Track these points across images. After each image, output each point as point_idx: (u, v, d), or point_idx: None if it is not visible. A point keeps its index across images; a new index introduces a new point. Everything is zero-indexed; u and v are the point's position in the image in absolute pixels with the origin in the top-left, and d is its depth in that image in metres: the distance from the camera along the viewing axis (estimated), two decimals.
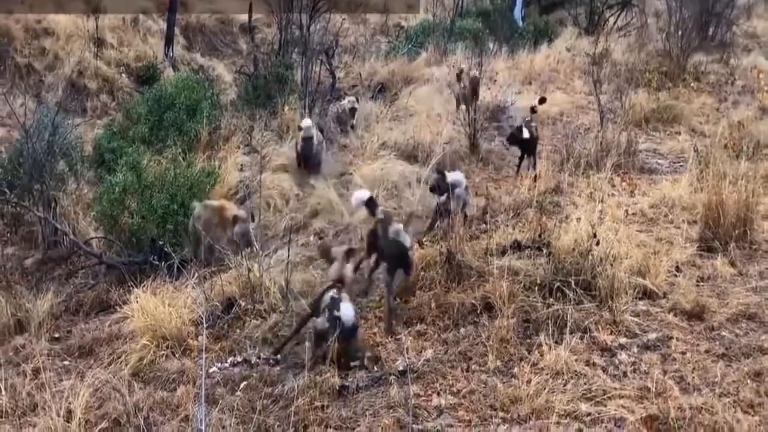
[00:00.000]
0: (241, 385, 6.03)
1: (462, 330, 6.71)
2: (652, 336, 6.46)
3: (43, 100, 11.79)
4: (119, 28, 16.02)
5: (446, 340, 6.60)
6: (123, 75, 14.53)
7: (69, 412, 5.73)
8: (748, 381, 5.84)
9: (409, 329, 6.77)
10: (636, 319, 6.66)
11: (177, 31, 16.79)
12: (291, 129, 11.39)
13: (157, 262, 7.46)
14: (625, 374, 6.03)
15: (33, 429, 5.54)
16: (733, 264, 7.54)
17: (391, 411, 5.69)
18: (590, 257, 6.97)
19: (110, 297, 7.39)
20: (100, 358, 6.54)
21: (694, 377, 5.90)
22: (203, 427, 4.43)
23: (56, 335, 6.99)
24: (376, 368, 6.24)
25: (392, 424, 5.53)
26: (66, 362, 6.54)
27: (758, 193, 8.34)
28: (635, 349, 6.31)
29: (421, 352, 6.43)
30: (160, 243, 7.67)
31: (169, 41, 16.18)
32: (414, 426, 5.50)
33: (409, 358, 6.28)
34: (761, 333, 6.49)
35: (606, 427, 5.48)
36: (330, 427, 5.52)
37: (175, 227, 8.03)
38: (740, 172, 8.46)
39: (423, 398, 5.87)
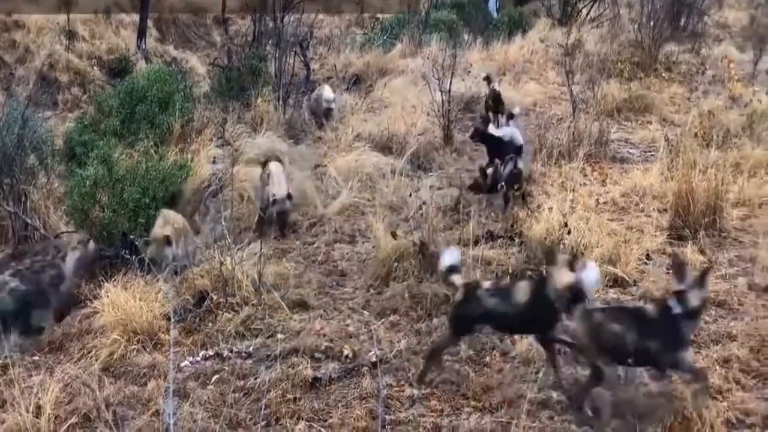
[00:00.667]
0: (213, 379, 5.98)
1: (435, 320, 6.69)
2: None
3: (14, 94, 11.59)
4: (91, 20, 15.83)
5: (419, 331, 6.59)
6: (95, 68, 14.34)
7: (38, 407, 5.64)
8: (717, 367, 5.88)
9: (382, 320, 6.75)
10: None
11: (150, 23, 16.63)
12: (264, 121, 11.32)
13: (128, 256, 7.37)
14: None
15: (1, 425, 5.44)
16: (702, 252, 7.58)
17: (363, 402, 5.67)
18: (561, 246, 6.99)
19: (81, 291, 7.29)
20: (70, 353, 6.45)
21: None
22: (171, 422, 4.37)
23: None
24: (348, 360, 6.21)
25: (364, 415, 5.50)
26: (35, 357, 6.44)
27: (728, 182, 8.41)
28: None
29: (393, 342, 6.40)
30: (132, 237, 7.58)
31: (141, 33, 16.00)
32: (386, 416, 5.48)
33: (381, 349, 6.26)
34: (730, 320, 6.54)
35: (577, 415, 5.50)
36: (302, 419, 5.48)
37: (147, 221, 7.92)
38: (710, 161, 8.54)
39: (395, 389, 5.86)
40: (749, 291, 6.92)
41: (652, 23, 14.87)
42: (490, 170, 8.63)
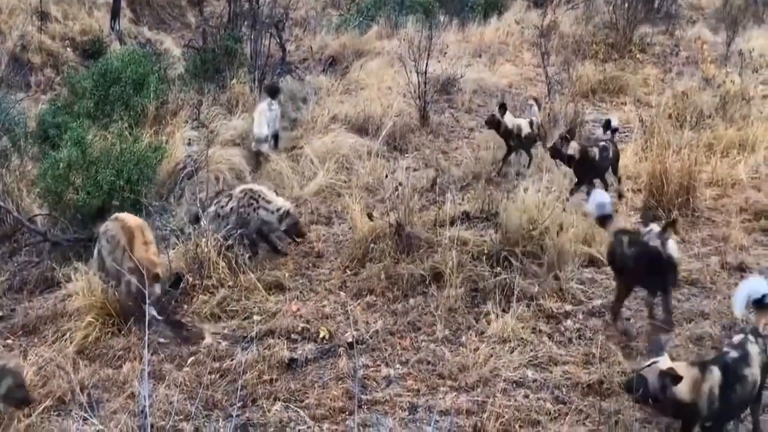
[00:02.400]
0: (189, 361, 5.94)
1: (411, 301, 6.70)
2: (597, 302, 6.54)
3: None
4: (64, 1, 15.56)
5: (395, 311, 6.59)
6: (68, 49, 14.10)
7: None
8: (690, 345, 5.94)
9: (359, 301, 6.73)
10: (581, 287, 6.74)
11: (123, 4, 16.37)
12: (240, 103, 11.21)
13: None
14: (570, 341, 6.10)
15: None
16: (676, 231, 7.61)
17: (339, 382, 5.67)
18: (537, 227, 7.00)
19: (55, 275, 7.19)
20: (44, 336, 6.36)
21: (637, 343, 5.97)
22: (147, 404, 4.33)
23: (0, 314, 6.80)
24: (324, 341, 6.19)
25: (341, 395, 5.51)
26: (9, 341, 6.35)
27: (701, 162, 8.47)
28: (580, 316, 6.38)
29: (370, 323, 6.39)
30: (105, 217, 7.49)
31: (115, 14, 15.77)
32: (362, 396, 5.48)
33: (357, 329, 6.25)
34: (702, 298, 6.60)
35: (552, 392, 5.53)
36: (278, 400, 5.47)
37: (121, 203, 7.83)
38: (684, 142, 8.59)
39: (372, 369, 5.86)
40: (721, 270, 6.99)
41: (626, 5, 14.88)
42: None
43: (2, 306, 6.80)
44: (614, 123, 8.99)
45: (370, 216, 7.44)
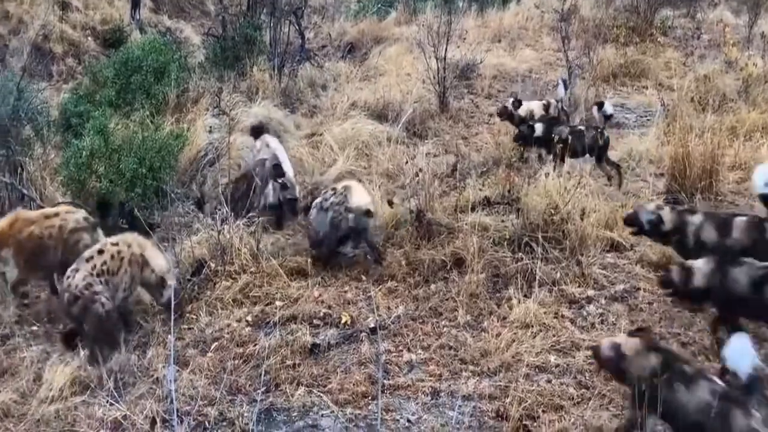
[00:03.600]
0: (212, 346, 5.97)
1: (432, 286, 6.69)
2: (620, 287, 6.50)
3: (8, 65, 11.47)
4: None
5: (417, 297, 6.58)
6: (89, 38, 14.13)
7: (38, 376, 5.66)
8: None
9: (380, 287, 6.73)
10: (604, 272, 6.70)
11: None
12: (260, 90, 11.21)
13: (125, 226, 7.32)
14: (593, 325, 6.07)
15: (2, 393, 5.44)
16: None
17: (362, 367, 5.68)
18: (559, 212, 6.96)
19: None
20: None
21: (660, 327, 5.93)
22: (173, 389, 4.36)
23: (25, 301, 6.85)
24: (346, 326, 6.20)
25: (363, 380, 5.52)
26: (35, 327, 6.41)
27: (723, 145, 8.37)
28: (603, 301, 6.35)
29: (391, 309, 6.39)
30: (128, 207, 7.53)
31: (135, 4, 15.80)
32: (385, 381, 5.49)
33: (379, 315, 6.25)
34: None
35: (575, 377, 5.51)
36: (301, 384, 5.49)
37: (144, 191, 7.87)
38: (706, 125, 8.48)
39: (394, 354, 5.87)
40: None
41: None
42: None
43: (27, 293, 6.84)
44: (608, 108, 8.90)
45: (390, 202, 7.43)
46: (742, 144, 8.89)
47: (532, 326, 5.98)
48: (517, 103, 9.31)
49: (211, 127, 9.83)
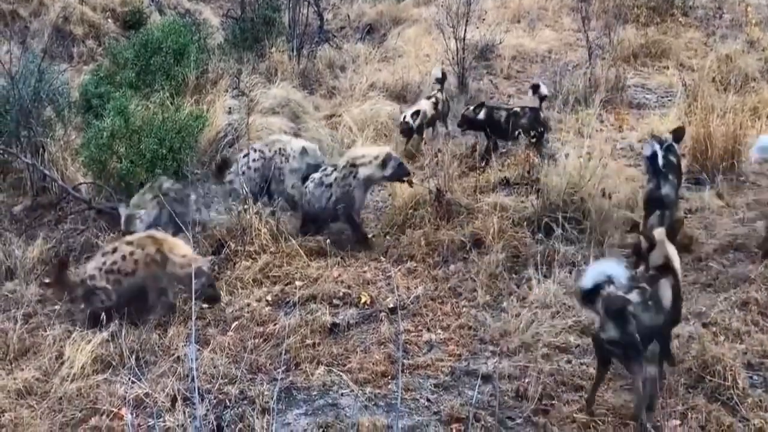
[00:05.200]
0: (233, 325, 5.97)
1: (452, 266, 6.67)
2: (641, 268, 6.39)
3: (29, 47, 11.46)
4: None
5: (436, 277, 6.56)
6: (109, 20, 14.10)
7: (60, 355, 5.68)
8: (735, 310, 5.82)
9: (399, 267, 6.71)
10: (625, 252, 6.60)
11: None
12: (279, 71, 11.17)
13: None
14: None
15: (25, 372, 5.47)
16: (720, 196, 7.48)
17: (381, 347, 5.66)
18: (578, 192, 6.89)
19: (100, 242, 7.26)
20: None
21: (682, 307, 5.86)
22: (194, 366, 4.36)
23: (46, 281, 6.88)
24: (366, 306, 6.19)
25: (383, 359, 5.51)
26: (56, 307, 6.44)
27: (746, 126, 8.26)
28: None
29: (411, 289, 6.37)
30: None
31: None
32: (404, 361, 5.47)
33: (399, 295, 6.23)
34: (748, 263, 6.46)
35: (595, 357, 5.46)
36: (321, 364, 5.48)
37: (164, 171, 7.87)
38: (728, 105, 8.37)
39: (413, 334, 5.85)
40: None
41: None
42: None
43: (49, 273, 6.86)
44: (543, 90, 8.78)
45: (410, 183, 7.39)
46: (764, 124, 8.75)
47: (552, 306, 5.94)
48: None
49: (230, 108, 9.82)
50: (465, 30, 11.06)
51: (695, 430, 4.76)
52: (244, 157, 7.91)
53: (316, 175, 7.41)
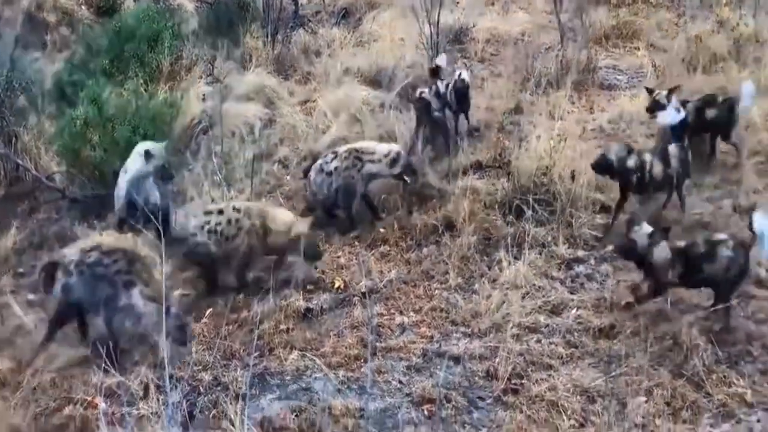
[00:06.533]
0: (207, 312, 5.97)
1: (424, 250, 6.69)
2: (609, 248, 6.45)
3: (1, 35, 11.31)
4: None
5: (409, 260, 6.59)
6: (83, 7, 13.83)
7: (35, 345, 5.65)
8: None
9: (373, 251, 6.72)
10: (594, 233, 6.65)
11: None
12: (254, 57, 11.08)
13: None
14: (582, 286, 6.07)
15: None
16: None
17: (354, 331, 5.70)
18: (549, 174, 6.92)
19: (74, 231, 7.20)
20: None
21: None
22: (166, 355, 4.36)
23: (20, 270, 6.83)
24: (339, 290, 6.20)
25: (356, 343, 5.55)
26: (31, 296, 6.40)
27: None
28: (592, 261, 6.35)
29: (384, 273, 6.38)
30: None
31: None
32: (377, 344, 5.50)
33: (372, 279, 6.25)
34: None
35: (564, 337, 5.52)
36: (295, 349, 5.51)
37: None
38: (696, 86, 8.39)
39: (386, 317, 5.89)
40: (733, 213, 6.87)
41: None
42: None
43: (23, 262, 6.82)
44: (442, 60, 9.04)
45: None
46: None
47: (522, 287, 5.99)
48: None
49: (204, 94, 9.73)
50: (439, 14, 11.00)
51: (660, 405, 4.84)
52: None
53: (318, 162, 7.35)
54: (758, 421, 4.77)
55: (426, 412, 4.94)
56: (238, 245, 6.30)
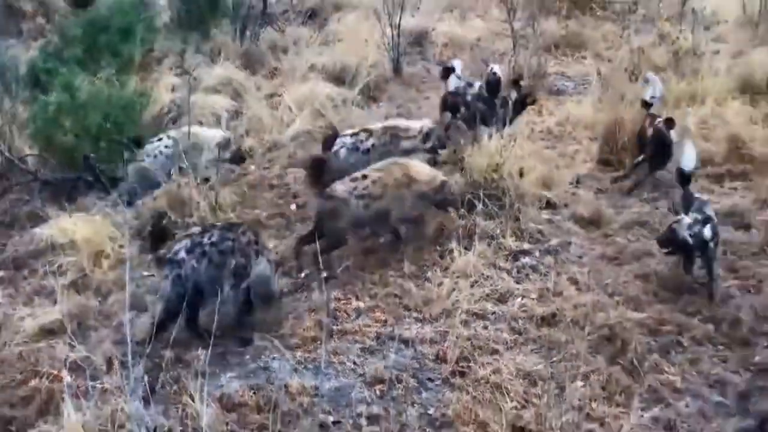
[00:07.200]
0: None
1: (381, 239, 6.64)
2: (554, 242, 6.51)
3: None
4: None
5: (366, 249, 6.53)
6: None
7: (4, 321, 5.52)
8: (637, 282, 5.96)
9: None
10: (539, 227, 6.69)
11: None
12: (222, 52, 10.93)
13: (90, 179, 7.14)
14: (527, 276, 6.08)
15: None
16: (627, 176, 7.59)
17: (312, 314, 5.63)
18: (499, 172, 6.93)
19: (45, 212, 7.04)
20: (34, 270, 6.26)
21: (589, 279, 5.97)
22: (128, 332, 4.26)
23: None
24: (299, 276, 6.14)
25: (313, 325, 5.48)
26: (0, 273, 6.23)
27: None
28: (537, 254, 6.36)
29: (342, 259, 6.34)
30: (93, 160, 7.34)
31: None
32: (333, 327, 5.46)
33: (330, 266, 6.19)
34: (651, 239, 6.57)
35: (509, 324, 5.54)
36: (254, 330, 5.42)
37: (109, 145, 7.67)
38: (637, 94, 8.47)
39: (343, 302, 5.83)
40: (669, 213, 6.95)
41: None
42: None
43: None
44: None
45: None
46: (669, 111, 8.88)
47: (471, 276, 5.97)
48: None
49: (174, 85, 9.58)
50: (400, 17, 10.98)
51: (597, 390, 4.89)
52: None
53: (347, 141, 7.21)
54: (686, 406, 4.83)
55: (378, 392, 4.91)
56: (385, 204, 6.29)
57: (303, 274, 6.16)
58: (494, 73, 8.70)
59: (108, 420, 4.46)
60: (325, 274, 5.95)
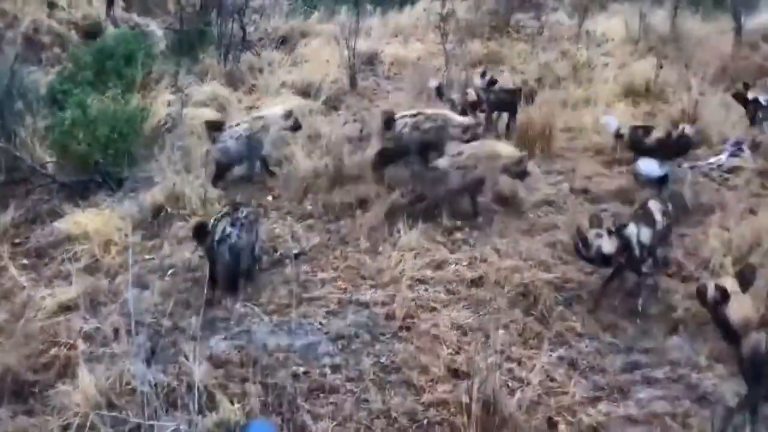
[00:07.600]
0: (168, 272, 5.70)
1: (342, 222, 6.53)
2: (480, 219, 6.46)
3: (4, 52, 10.55)
4: None
5: (329, 230, 6.43)
6: (72, 31, 13.02)
7: (29, 301, 5.30)
8: (546, 249, 5.95)
9: (301, 223, 6.54)
10: (469, 209, 6.63)
11: None
12: (209, 73, 10.65)
13: (100, 180, 6.92)
14: (459, 248, 6.04)
15: None
16: (537, 165, 7.58)
17: (286, 285, 5.51)
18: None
19: (62, 209, 6.78)
20: (53, 257, 6.03)
21: (508, 248, 5.96)
22: (131, 306, 4.11)
23: (17, 240, 6.39)
24: (275, 253, 6.01)
25: (286, 294, 5.37)
26: (25, 261, 5.99)
27: (557, 113, 8.39)
28: (467, 230, 6.31)
29: (310, 239, 6.22)
30: (102, 165, 7.10)
31: (110, 3, 14.66)
32: (303, 295, 5.36)
33: (300, 245, 6.08)
34: (557, 214, 6.60)
35: (445, 286, 5.49)
36: (237, 300, 5.30)
37: (115, 153, 7.43)
38: (544, 99, 8.49)
39: (311, 274, 5.73)
40: (570, 193, 6.98)
41: None
42: None
43: (19, 234, 6.38)
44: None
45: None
46: (570, 112, 8.93)
47: (415, 249, 5.91)
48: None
49: (169, 101, 9.29)
50: (355, 42, 10.83)
51: (515, 336, 4.88)
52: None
53: (408, 120, 7.10)
54: (586, 346, 4.86)
55: (340, 346, 4.84)
56: (479, 174, 6.37)
57: (278, 252, 6.03)
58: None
59: (116, 380, 4.32)
60: (295, 251, 5.89)
